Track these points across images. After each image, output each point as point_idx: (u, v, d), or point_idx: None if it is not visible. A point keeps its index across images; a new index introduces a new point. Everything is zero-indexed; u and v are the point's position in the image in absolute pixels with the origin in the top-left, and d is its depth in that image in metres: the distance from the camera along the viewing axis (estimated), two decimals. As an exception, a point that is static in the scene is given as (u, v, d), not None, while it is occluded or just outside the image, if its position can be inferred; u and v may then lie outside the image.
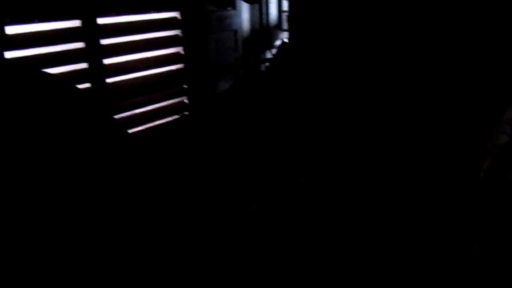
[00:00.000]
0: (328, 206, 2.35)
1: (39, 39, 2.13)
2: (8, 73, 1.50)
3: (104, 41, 2.44)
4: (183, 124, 3.07)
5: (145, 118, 2.82)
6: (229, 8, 3.21)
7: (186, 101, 3.10)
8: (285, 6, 3.71)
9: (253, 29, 3.55)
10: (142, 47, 2.68)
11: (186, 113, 3.07)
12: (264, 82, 3.68)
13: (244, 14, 3.45)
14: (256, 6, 3.53)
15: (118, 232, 1.74)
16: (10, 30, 1.97)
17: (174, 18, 2.87)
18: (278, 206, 2.58)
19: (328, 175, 2.43)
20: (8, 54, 2.00)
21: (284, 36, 3.80)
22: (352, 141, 2.33)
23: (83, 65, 2.37)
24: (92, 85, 2.42)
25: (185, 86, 3.06)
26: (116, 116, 2.63)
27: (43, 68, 2.18)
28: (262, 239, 2.32)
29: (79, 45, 2.33)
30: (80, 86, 2.39)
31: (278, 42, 3.80)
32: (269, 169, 3.00)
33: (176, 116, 3.01)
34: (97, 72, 2.43)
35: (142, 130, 2.79)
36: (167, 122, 2.96)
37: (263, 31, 3.63)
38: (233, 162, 3.08)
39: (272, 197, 2.66)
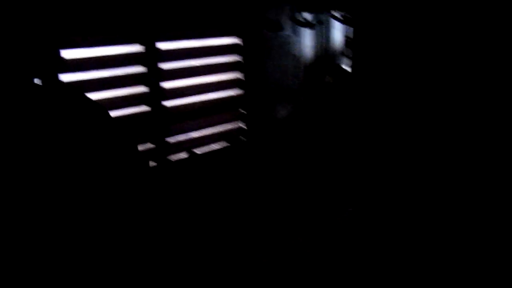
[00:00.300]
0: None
1: (102, 63, 2.23)
2: (51, 95, 1.58)
3: (164, 65, 2.50)
4: (238, 150, 3.02)
5: (201, 141, 2.82)
6: (289, 34, 3.17)
7: (243, 126, 3.06)
8: (350, 32, 3.59)
9: (315, 54, 3.46)
10: (201, 71, 2.71)
11: (242, 138, 3.03)
12: (321, 111, 3.55)
13: (306, 40, 3.38)
14: (319, 31, 3.45)
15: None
16: (74, 53, 2.10)
17: (235, 43, 2.89)
18: (324, 239, 2.40)
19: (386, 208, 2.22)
20: (72, 77, 2.12)
21: (346, 62, 3.65)
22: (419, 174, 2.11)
23: (143, 88, 2.45)
24: (150, 107, 2.48)
25: (243, 111, 3.03)
26: (172, 139, 2.67)
27: (105, 90, 2.29)
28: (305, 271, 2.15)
29: (140, 69, 2.41)
30: (138, 108, 2.47)
31: (344, 67, 3.66)
32: (319, 201, 2.86)
33: (230, 142, 2.98)
34: (156, 95, 2.49)
35: (198, 154, 2.79)
36: (223, 148, 2.94)
37: (325, 56, 3.53)
38: (285, 192, 2.98)
39: (319, 230, 2.49)
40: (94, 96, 2.26)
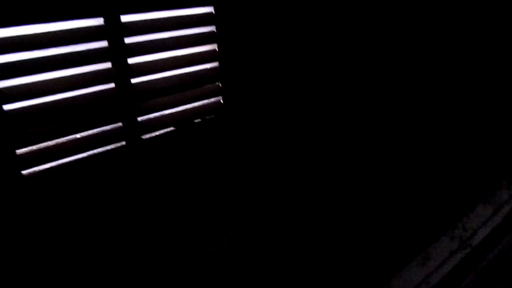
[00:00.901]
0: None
1: (59, 39, 2.08)
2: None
3: (129, 40, 2.35)
4: (211, 126, 2.92)
5: (174, 119, 2.71)
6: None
7: (220, 101, 2.94)
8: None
9: (297, 23, 3.27)
10: (171, 45, 2.55)
11: (217, 114, 2.92)
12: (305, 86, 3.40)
13: (289, 7, 3.18)
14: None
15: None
16: (25, 30, 1.94)
17: (208, 13, 2.70)
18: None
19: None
20: (24, 55, 1.98)
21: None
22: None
23: (108, 65, 2.30)
24: (116, 85, 2.35)
25: (219, 85, 2.90)
26: (142, 117, 2.56)
27: (66, 68, 2.14)
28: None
29: (103, 44, 2.26)
30: (104, 87, 2.34)
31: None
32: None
33: (203, 119, 2.87)
34: (121, 72, 2.35)
35: (169, 133, 2.69)
36: (195, 125, 2.83)
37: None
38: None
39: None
40: (52, 75, 2.13)
